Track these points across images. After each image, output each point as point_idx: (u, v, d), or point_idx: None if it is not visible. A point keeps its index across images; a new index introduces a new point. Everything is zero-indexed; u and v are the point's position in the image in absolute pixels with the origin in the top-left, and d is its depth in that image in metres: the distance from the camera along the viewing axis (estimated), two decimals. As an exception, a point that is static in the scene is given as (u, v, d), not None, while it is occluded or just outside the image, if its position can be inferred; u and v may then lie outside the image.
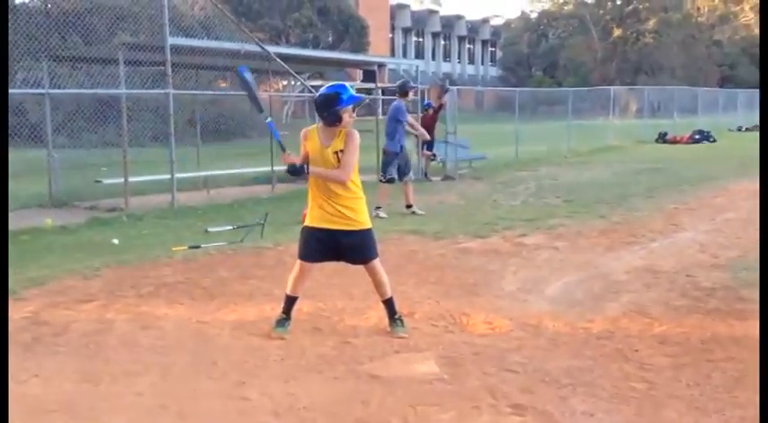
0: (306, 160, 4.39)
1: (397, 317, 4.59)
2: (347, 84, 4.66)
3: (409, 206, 9.45)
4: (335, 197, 4.37)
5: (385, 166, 9.52)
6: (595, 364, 3.98)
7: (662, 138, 24.90)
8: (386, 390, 3.66)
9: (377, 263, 4.53)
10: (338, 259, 4.59)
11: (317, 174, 4.36)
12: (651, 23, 56.95)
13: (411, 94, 9.76)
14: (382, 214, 8.98)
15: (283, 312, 4.60)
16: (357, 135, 4.44)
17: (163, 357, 4.15)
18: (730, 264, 6.36)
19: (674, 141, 24.26)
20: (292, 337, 4.48)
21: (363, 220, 4.47)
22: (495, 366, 3.96)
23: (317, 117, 4.51)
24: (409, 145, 14.04)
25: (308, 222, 4.50)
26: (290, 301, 4.61)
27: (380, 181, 9.49)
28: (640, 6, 58.25)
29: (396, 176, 9.44)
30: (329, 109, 4.32)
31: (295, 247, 7.14)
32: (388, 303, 4.60)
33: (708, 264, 6.38)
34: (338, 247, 4.46)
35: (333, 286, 5.48)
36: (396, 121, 9.46)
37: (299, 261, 4.56)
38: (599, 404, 3.46)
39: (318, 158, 4.37)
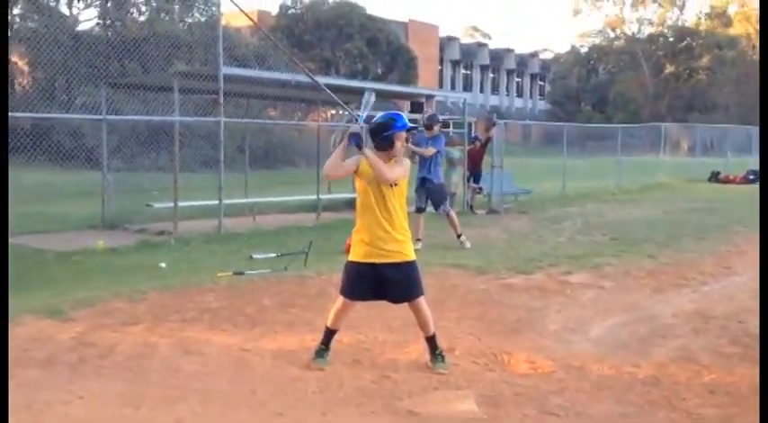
0: (348, 171, 4.48)
1: (438, 352, 4.55)
2: (402, 112, 4.73)
3: (459, 236, 9.42)
4: (385, 226, 4.38)
5: (431, 198, 9.56)
6: (640, 412, 3.87)
7: (714, 177, 24.34)
8: (424, 427, 3.62)
9: (422, 300, 4.52)
10: (382, 298, 4.57)
11: (370, 157, 4.37)
12: (705, 60, 56.16)
13: (436, 129, 9.67)
14: (417, 246, 8.98)
15: (322, 343, 4.60)
16: (408, 162, 4.55)
17: (203, 384, 4.19)
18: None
19: (727, 181, 23.69)
20: (331, 368, 4.47)
21: (407, 252, 4.48)
22: (535, 408, 3.88)
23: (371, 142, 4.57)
24: (455, 177, 14.07)
25: (352, 258, 4.51)
26: (330, 334, 4.62)
27: (418, 210, 9.51)
28: (694, 43, 57.53)
29: (423, 206, 9.45)
30: (383, 134, 4.42)
31: (338, 277, 7.18)
32: (431, 340, 4.57)
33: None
34: (383, 282, 4.45)
35: (373, 318, 5.46)
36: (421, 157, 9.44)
37: (340, 296, 4.56)
38: (643, 453, 3.36)
39: (373, 183, 4.42)
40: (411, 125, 4.62)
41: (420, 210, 9.46)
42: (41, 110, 14.18)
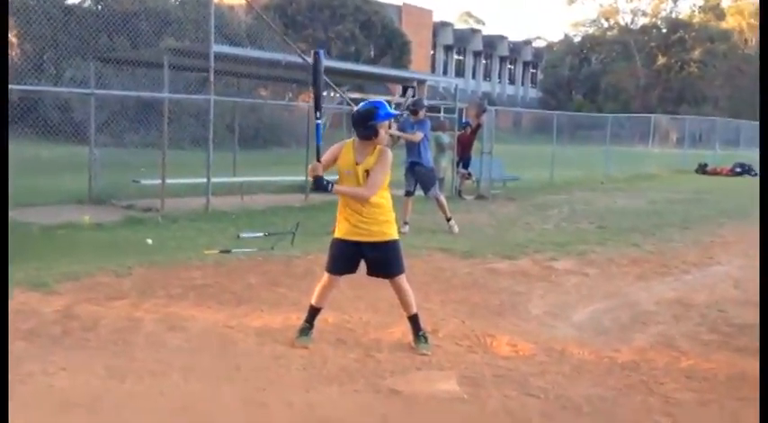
0: (327, 168, 4.46)
1: (421, 333, 4.59)
2: (384, 100, 4.71)
3: (448, 219, 9.45)
4: (362, 210, 4.41)
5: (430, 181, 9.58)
6: (618, 395, 3.93)
7: (702, 169, 24.51)
8: (405, 406, 3.66)
9: (402, 279, 4.55)
10: (370, 272, 4.61)
11: (342, 191, 4.43)
12: (696, 53, 56.26)
13: (422, 114, 9.65)
14: (403, 230, 9.05)
15: (306, 321, 4.63)
16: (390, 154, 4.50)
17: (187, 359, 4.21)
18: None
19: (715, 173, 23.86)
20: (315, 347, 4.50)
21: (389, 232, 4.51)
22: (516, 390, 3.93)
23: (353, 132, 4.56)
24: (444, 162, 14.09)
25: (336, 235, 4.54)
26: (314, 312, 4.64)
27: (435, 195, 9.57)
28: (687, 36, 57.60)
29: (411, 190, 9.49)
30: (366, 123, 4.39)
31: (324, 257, 7.21)
32: (413, 319, 4.61)
33: (741, 300, 6.26)
34: (364, 260, 4.50)
35: (359, 299, 5.49)
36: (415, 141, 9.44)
37: (325, 273, 4.59)
38: (620, 435, 3.42)
39: (351, 174, 4.42)
40: (395, 113, 4.61)
41: (409, 193, 9.50)
42: (30, 82, 14.04)
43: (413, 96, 10.08)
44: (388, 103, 4.64)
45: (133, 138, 16.40)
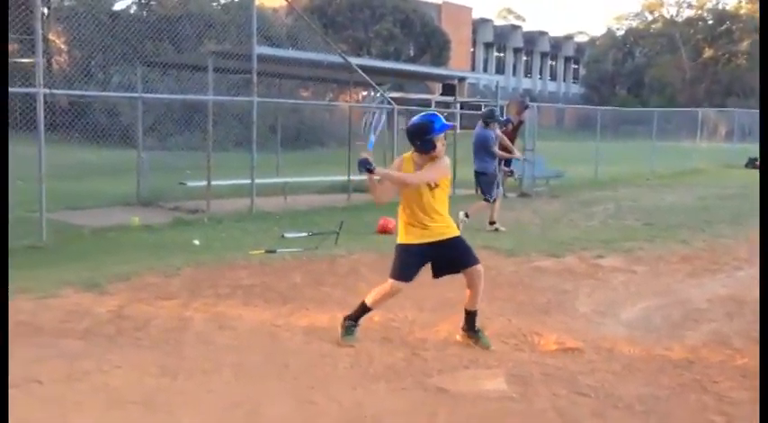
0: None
1: (478, 329, 4.62)
2: (437, 112, 4.70)
3: (492, 222, 9.44)
4: (427, 216, 4.45)
5: (489, 187, 9.49)
6: (672, 394, 3.86)
7: (752, 163, 23.86)
8: (453, 404, 3.65)
9: (479, 269, 4.54)
10: (438, 270, 4.63)
11: (385, 174, 4.43)
12: (744, 44, 54.81)
13: (495, 127, 9.75)
14: (502, 228, 9.29)
15: (352, 319, 4.65)
16: (448, 160, 4.55)
17: (237, 357, 4.26)
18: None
19: (765, 167, 23.23)
20: (362, 346, 4.52)
21: (455, 229, 4.59)
22: (565, 388, 3.89)
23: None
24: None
25: (404, 240, 4.54)
26: (364, 311, 4.66)
27: (488, 201, 9.47)
28: (734, 27, 56.19)
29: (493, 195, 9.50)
30: (423, 137, 4.38)
31: (369, 256, 7.23)
32: (474, 315, 4.63)
33: (796, 296, 6.08)
34: (433, 261, 4.54)
35: (405, 298, 5.46)
36: (485, 150, 9.47)
37: (391, 280, 4.56)
38: (673, 435, 3.36)
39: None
40: (450, 124, 4.56)
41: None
42: (78, 88, 14.40)
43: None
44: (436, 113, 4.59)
45: (178, 140, 16.68)
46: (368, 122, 26.10)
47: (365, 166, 4.27)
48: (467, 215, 9.21)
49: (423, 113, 4.57)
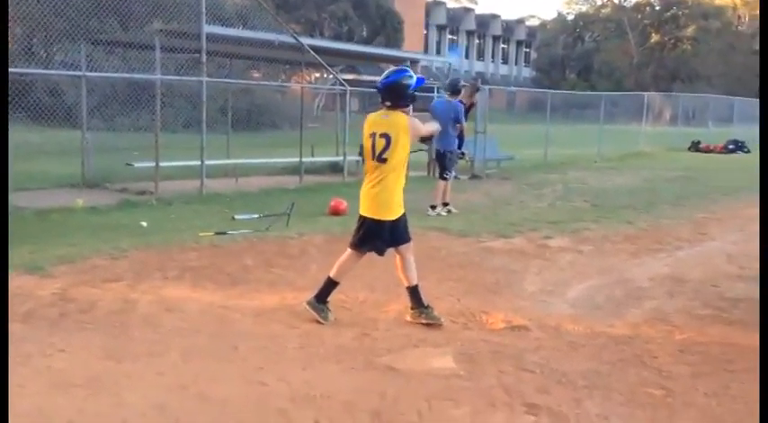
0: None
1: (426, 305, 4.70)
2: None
3: (446, 204, 9.44)
4: None
5: (451, 165, 9.44)
6: (613, 369, 3.97)
7: (695, 146, 24.55)
8: (402, 382, 3.69)
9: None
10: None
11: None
12: (690, 30, 56.15)
13: (462, 94, 9.60)
14: (455, 210, 9.25)
15: (420, 304, 4.67)
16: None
17: (185, 339, 4.23)
18: (757, 275, 6.26)
19: (708, 150, 23.92)
20: (311, 326, 4.53)
21: None
22: (512, 365, 3.97)
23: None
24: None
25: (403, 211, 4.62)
26: (416, 292, 4.70)
27: (444, 178, 9.38)
28: (680, 12, 57.42)
29: (455, 174, 9.46)
30: (405, 91, 4.45)
31: (319, 238, 7.22)
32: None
33: (734, 275, 6.31)
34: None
35: (355, 279, 5.49)
36: (456, 121, 9.29)
37: (399, 250, 4.67)
38: (614, 408, 3.46)
39: (376, 137, 4.50)
40: (423, 78, 4.77)
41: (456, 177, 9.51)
42: (19, 66, 13.92)
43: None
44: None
45: (125, 121, 16.28)
46: (319, 104, 25.84)
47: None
48: (446, 204, 9.25)
49: (394, 69, 4.58)
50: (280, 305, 4.95)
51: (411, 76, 4.49)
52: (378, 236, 4.57)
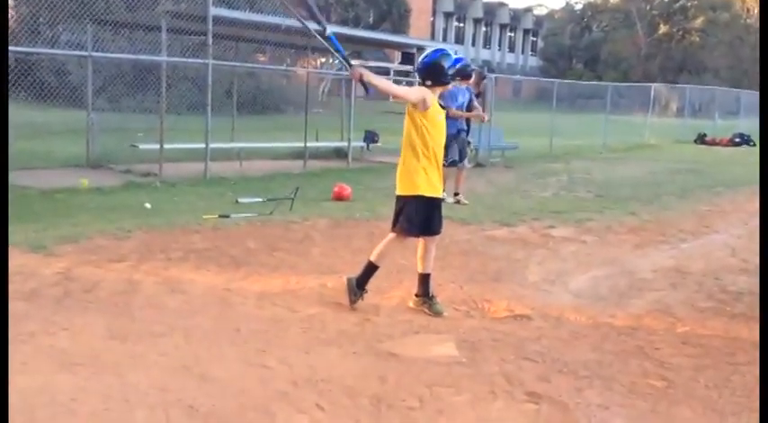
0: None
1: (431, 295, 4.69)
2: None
3: (456, 194, 9.34)
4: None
5: (445, 150, 9.32)
6: (615, 359, 3.97)
7: (701, 139, 24.47)
8: (403, 368, 3.70)
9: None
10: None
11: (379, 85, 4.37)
12: (698, 22, 55.76)
13: (472, 79, 9.45)
14: (451, 200, 8.97)
15: (426, 293, 4.67)
16: None
17: (187, 320, 4.24)
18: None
19: (713, 143, 23.83)
20: (314, 310, 4.54)
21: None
22: (513, 354, 3.97)
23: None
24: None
25: (427, 192, 4.52)
26: (426, 280, 4.68)
27: (443, 165, 9.27)
28: (689, 4, 57.03)
29: (457, 159, 9.29)
30: (445, 70, 4.49)
31: (323, 223, 7.23)
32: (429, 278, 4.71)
33: (737, 268, 6.30)
34: (439, 216, 4.67)
35: (359, 264, 5.49)
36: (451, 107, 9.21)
37: (424, 238, 4.63)
38: (615, 398, 3.46)
39: (443, 121, 4.58)
40: (461, 57, 4.85)
41: (454, 163, 9.22)
42: (25, 45, 13.89)
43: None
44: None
45: (130, 102, 16.26)
46: (324, 89, 25.77)
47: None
48: (456, 194, 9.18)
49: (433, 49, 4.66)
50: (282, 289, 4.96)
51: (449, 56, 4.55)
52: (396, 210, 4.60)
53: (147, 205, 7.83)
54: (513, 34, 64.78)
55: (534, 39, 66.42)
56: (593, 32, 61.99)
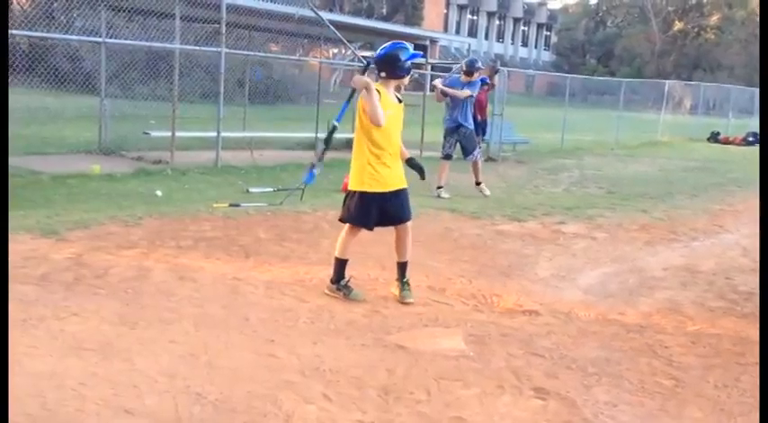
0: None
1: (405, 280, 4.70)
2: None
3: (478, 183, 9.36)
4: (396, 155, 4.55)
5: (473, 144, 9.39)
6: (623, 357, 3.96)
7: (714, 137, 24.29)
8: (411, 361, 3.70)
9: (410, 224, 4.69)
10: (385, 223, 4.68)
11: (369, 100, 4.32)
12: (714, 19, 55.34)
13: (476, 76, 9.44)
14: (444, 195, 8.95)
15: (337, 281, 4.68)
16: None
17: (197, 308, 4.25)
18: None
19: (727, 142, 23.66)
20: (323, 301, 4.54)
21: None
22: (521, 349, 3.97)
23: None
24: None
25: (369, 188, 4.50)
26: (343, 265, 4.70)
27: (476, 158, 9.37)
28: (704, 0, 56.56)
29: (451, 153, 9.29)
30: (398, 62, 4.46)
31: (333, 214, 7.22)
32: (405, 266, 4.72)
33: (748, 268, 6.26)
34: (393, 208, 4.60)
35: (367, 256, 5.50)
36: (458, 102, 9.20)
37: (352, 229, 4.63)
38: (623, 396, 3.45)
39: (394, 115, 4.48)
40: (419, 53, 4.76)
41: (448, 157, 9.25)
42: (40, 30, 13.92)
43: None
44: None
45: (143, 90, 16.27)
46: (336, 80, 25.72)
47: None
48: (479, 183, 9.23)
49: (391, 42, 4.63)
50: (292, 279, 4.97)
51: (406, 49, 4.53)
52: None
53: (158, 193, 7.85)
54: (526, 28, 64.43)
55: (548, 33, 66.04)
56: (608, 28, 61.61)
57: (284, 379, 3.37)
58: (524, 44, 64.48)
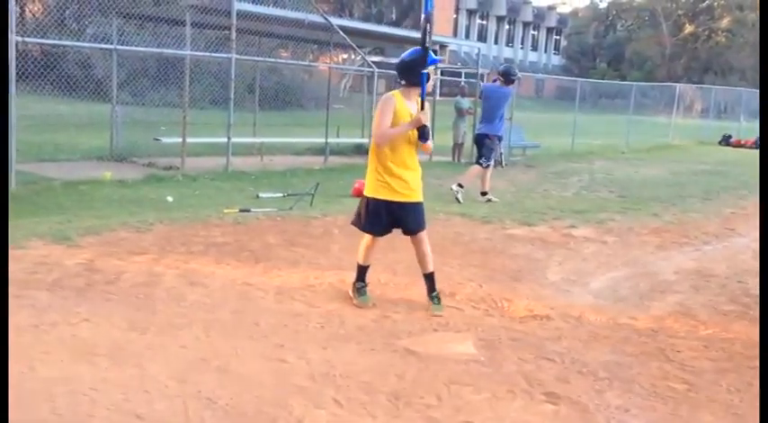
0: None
1: (434, 294, 4.64)
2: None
3: (484, 193, 9.36)
4: (413, 168, 4.52)
5: (489, 152, 9.38)
6: (635, 361, 3.93)
7: (725, 140, 24.17)
8: (422, 366, 3.69)
9: (425, 234, 4.64)
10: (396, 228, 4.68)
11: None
12: (725, 22, 55.07)
13: (515, 82, 9.59)
14: (495, 199, 9.11)
15: (360, 280, 4.70)
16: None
17: (207, 314, 4.26)
18: (785, 274, 6.17)
19: (738, 145, 23.52)
20: (333, 306, 4.54)
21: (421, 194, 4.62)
22: (532, 353, 3.95)
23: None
24: (464, 127, 13.99)
25: (377, 195, 4.51)
26: (363, 270, 4.72)
27: (481, 165, 9.34)
28: (715, 3, 56.32)
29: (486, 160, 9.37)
30: (418, 69, 4.41)
31: (342, 219, 7.23)
32: (432, 278, 4.66)
33: (761, 271, 6.22)
34: (400, 218, 4.56)
35: (377, 262, 5.47)
36: (500, 107, 9.34)
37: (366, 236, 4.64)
38: (635, 400, 3.43)
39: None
40: (439, 58, 4.72)
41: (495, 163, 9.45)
42: (52, 38, 14.05)
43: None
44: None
45: (153, 96, 16.37)
46: (346, 85, 25.72)
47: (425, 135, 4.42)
48: (461, 185, 9.13)
49: (411, 49, 4.58)
50: (302, 284, 4.97)
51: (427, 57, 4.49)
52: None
53: (169, 199, 7.89)
54: (536, 32, 64.32)
55: (557, 37, 65.90)
56: (618, 31, 61.45)
57: (294, 384, 3.37)
58: (534, 48, 64.36)
